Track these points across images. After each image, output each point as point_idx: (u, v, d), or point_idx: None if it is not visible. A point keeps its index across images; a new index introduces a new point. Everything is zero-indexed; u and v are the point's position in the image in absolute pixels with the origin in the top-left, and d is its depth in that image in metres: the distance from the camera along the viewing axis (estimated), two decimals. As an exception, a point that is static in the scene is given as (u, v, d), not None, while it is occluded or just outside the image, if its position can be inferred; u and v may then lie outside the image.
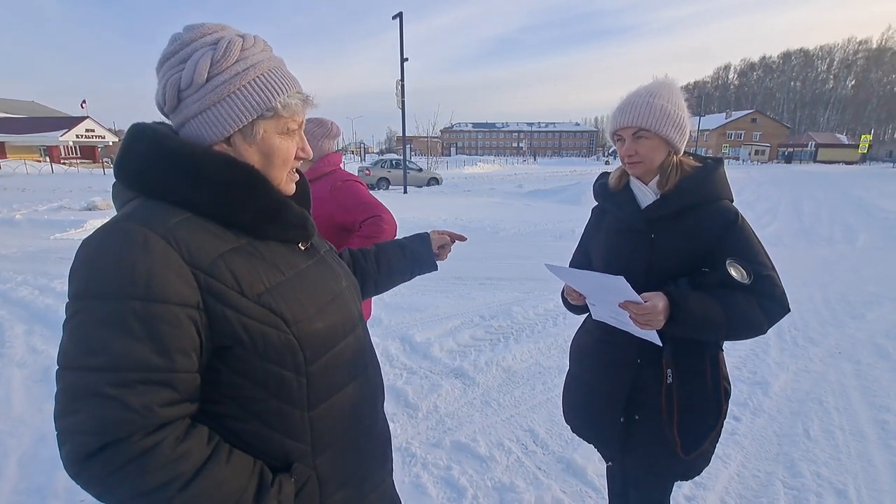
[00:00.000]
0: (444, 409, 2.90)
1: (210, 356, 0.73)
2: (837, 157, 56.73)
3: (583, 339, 1.57)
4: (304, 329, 0.79)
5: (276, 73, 0.79)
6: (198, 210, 0.74)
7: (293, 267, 0.83)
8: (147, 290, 0.65)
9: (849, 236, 8.60)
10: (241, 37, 0.77)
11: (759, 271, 1.20)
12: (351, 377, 0.90)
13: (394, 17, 17.65)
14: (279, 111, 0.78)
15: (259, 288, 0.75)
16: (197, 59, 0.74)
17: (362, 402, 0.93)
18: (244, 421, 0.77)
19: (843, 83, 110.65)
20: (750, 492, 2.21)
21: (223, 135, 0.77)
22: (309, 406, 0.82)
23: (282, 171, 0.83)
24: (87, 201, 12.26)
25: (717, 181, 1.30)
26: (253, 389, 0.77)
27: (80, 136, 39.24)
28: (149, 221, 0.69)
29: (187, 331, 0.68)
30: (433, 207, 12.26)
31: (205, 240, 0.72)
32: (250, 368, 0.75)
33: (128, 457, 0.63)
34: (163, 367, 0.66)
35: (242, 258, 0.75)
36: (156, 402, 0.65)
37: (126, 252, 0.66)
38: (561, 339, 3.83)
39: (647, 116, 1.23)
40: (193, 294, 0.69)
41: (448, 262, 1.48)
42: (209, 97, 0.74)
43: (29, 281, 5.33)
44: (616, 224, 1.41)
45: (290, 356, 0.78)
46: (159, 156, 0.73)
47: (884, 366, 3.47)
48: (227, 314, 0.72)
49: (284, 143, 0.82)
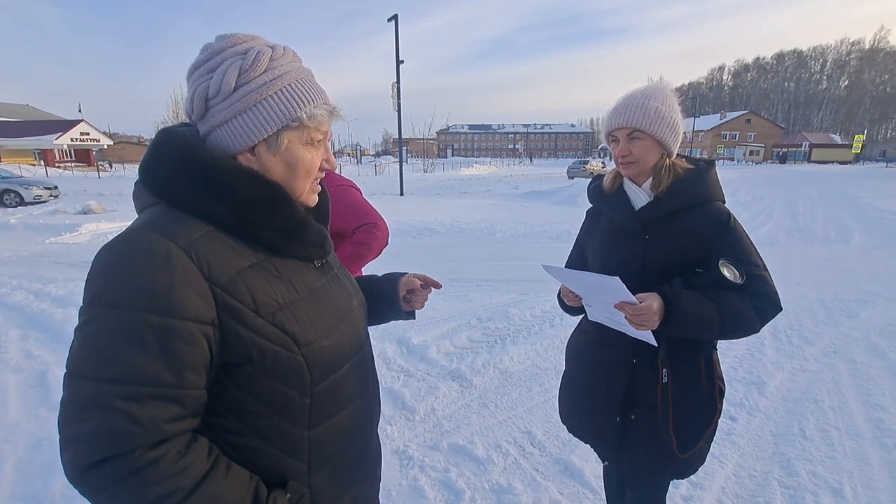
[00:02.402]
0: (441, 411, 2.90)
1: (218, 371, 0.74)
2: (831, 157, 57.06)
3: (579, 340, 1.58)
4: (314, 350, 0.79)
5: (304, 84, 0.78)
6: (220, 224, 0.74)
7: (308, 285, 0.83)
8: (165, 305, 0.65)
9: (843, 235, 8.65)
10: (271, 47, 0.78)
11: (752, 271, 1.22)
12: (353, 397, 0.90)
13: (389, 19, 17.68)
14: (304, 121, 0.78)
15: (273, 307, 0.75)
16: (225, 68, 0.74)
17: (360, 422, 0.93)
18: (244, 435, 0.77)
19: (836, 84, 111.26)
20: (746, 491, 2.22)
21: (248, 144, 0.77)
22: (310, 425, 0.82)
23: (305, 182, 0.83)
24: (82, 205, 12.21)
25: (710, 183, 1.32)
26: (256, 406, 0.77)
27: (74, 140, 39.10)
28: (172, 233, 0.69)
29: (200, 348, 0.68)
30: (429, 209, 12.27)
31: (225, 255, 0.72)
32: (256, 385, 0.76)
33: (130, 469, 0.63)
34: (173, 384, 0.66)
35: (260, 275, 0.75)
36: (163, 417, 0.65)
37: (147, 263, 0.66)
38: (557, 341, 3.84)
39: (641, 117, 1.25)
40: (210, 311, 0.69)
41: (445, 264, 1.49)
42: (236, 106, 0.74)
43: (24, 285, 5.31)
44: (610, 226, 1.43)
45: (297, 376, 0.78)
46: (185, 166, 0.73)
47: (878, 364, 3.49)
48: (240, 332, 0.72)
49: (309, 153, 0.81)
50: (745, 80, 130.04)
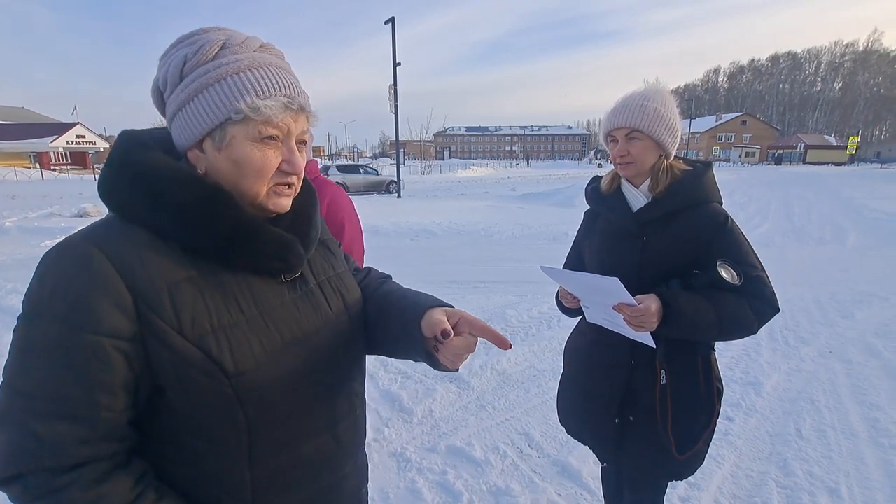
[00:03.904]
0: (438, 413, 2.90)
1: (151, 392, 0.67)
2: (826, 158, 57.37)
3: (577, 341, 1.58)
4: (248, 381, 0.68)
5: (257, 73, 0.68)
6: (159, 233, 0.67)
7: (260, 305, 0.72)
8: (79, 317, 0.60)
9: (838, 236, 8.70)
10: (227, 37, 0.71)
11: (749, 272, 1.22)
12: (311, 435, 0.78)
13: (386, 21, 17.70)
14: (247, 114, 0.67)
15: (203, 328, 0.66)
16: (172, 58, 0.70)
17: (323, 463, 0.81)
18: (182, 465, 0.71)
19: (830, 85, 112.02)
20: (743, 491, 2.23)
21: (194, 138, 0.70)
22: (250, 465, 0.72)
23: (257, 185, 0.71)
24: (78, 208, 12.15)
25: (707, 184, 1.32)
26: (189, 437, 0.69)
27: (70, 142, 38.95)
28: (103, 240, 0.64)
29: (115, 366, 0.62)
30: (427, 211, 12.26)
31: (159, 266, 0.65)
32: (182, 416, 0.68)
33: (39, 491, 0.60)
34: (81, 402, 0.61)
35: (194, 290, 0.66)
36: (69, 439, 0.60)
37: (68, 272, 0.61)
38: (555, 342, 3.85)
39: (640, 118, 1.26)
40: (129, 325, 0.62)
41: (442, 266, 1.48)
42: (181, 96, 0.69)
43: (19, 289, 5.27)
44: (608, 227, 1.43)
45: (226, 410, 0.68)
46: (123, 171, 0.68)
47: (874, 364, 3.51)
48: (160, 353, 0.64)
49: (258, 151, 0.70)
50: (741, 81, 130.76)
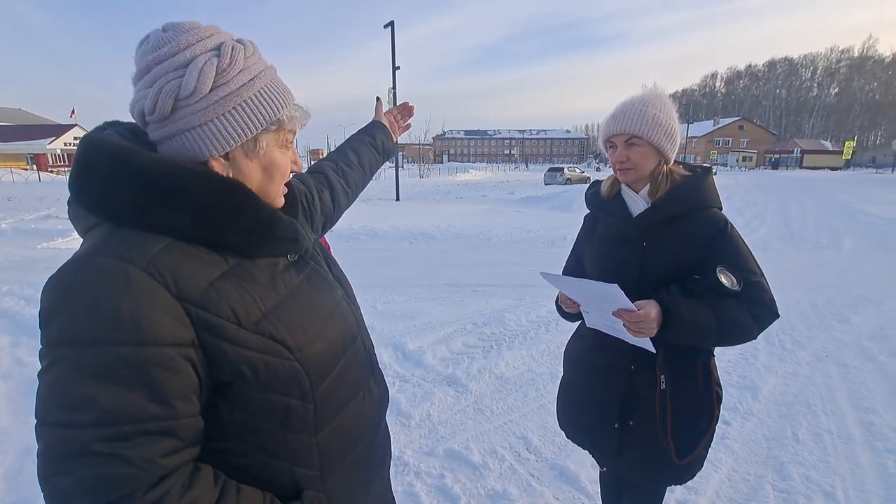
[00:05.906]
0: (436, 417, 2.89)
1: (210, 393, 0.69)
2: (822, 163, 57.64)
3: (576, 345, 1.58)
4: (308, 353, 0.74)
5: (278, 84, 0.75)
6: (179, 234, 0.66)
7: (287, 284, 0.77)
8: (136, 334, 0.59)
9: (834, 241, 8.72)
10: (241, 42, 0.72)
11: (749, 278, 1.22)
12: (354, 393, 0.86)
13: (385, 25, 17.73)
14: (284, 123, 0.74)
15: (256, 315, 0.69)
16: (200, 65, 0.66)
17: (367, 417, 0.90)
18: (249, 455, 0.74)
19: (826, 91, 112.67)
20: (740, 495, 2.23)
21: (224, 149, 0.70)
22: (316, 431, 0.78)
23: (279, 186, 0.79)
24: (75, 209, 12.09)
25: (707, 190, 1.32)
26: (256, 423, 0.72)
27: (68, 144, 38.87)
28: (127, 254, 0.61)
29: (184, 373, 0.63)
30: (426, 215, 12.26)
31: (192, 268, 0.65)
32: (253, 402, 0.71)
33: None
34: (162, 416, 0.61)
35: (234, 283, 0.69)
36: (158, 453, 0.60)
37: (105, 292, 0.59)
38: (553, 346, 3.85)
39: (639, 124, 1.26)
40: (186, 331, 0.63)
41: (441, 269, 1.49)
42: (213, 109, 0.67)
43: (15, 291, 5.25)
44: (608, 232, 1.43)
45: (295, 384, 0.73)
46: (127, 176, 0.64)
47: (869, 368, 3.52)
48: (224, 348, 0.66)
49: (283, 156, 0.77)
50: (738, 87, 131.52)
